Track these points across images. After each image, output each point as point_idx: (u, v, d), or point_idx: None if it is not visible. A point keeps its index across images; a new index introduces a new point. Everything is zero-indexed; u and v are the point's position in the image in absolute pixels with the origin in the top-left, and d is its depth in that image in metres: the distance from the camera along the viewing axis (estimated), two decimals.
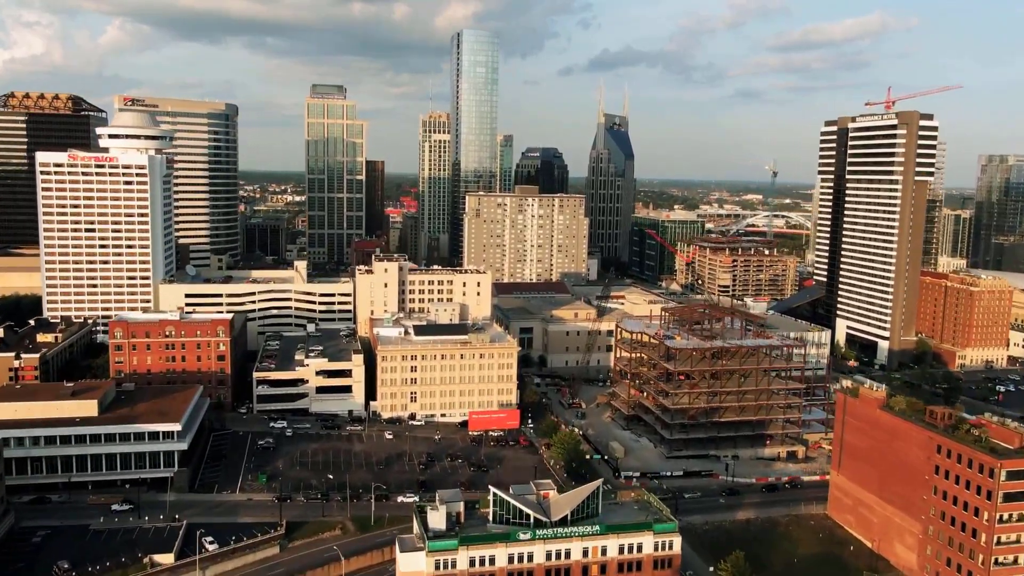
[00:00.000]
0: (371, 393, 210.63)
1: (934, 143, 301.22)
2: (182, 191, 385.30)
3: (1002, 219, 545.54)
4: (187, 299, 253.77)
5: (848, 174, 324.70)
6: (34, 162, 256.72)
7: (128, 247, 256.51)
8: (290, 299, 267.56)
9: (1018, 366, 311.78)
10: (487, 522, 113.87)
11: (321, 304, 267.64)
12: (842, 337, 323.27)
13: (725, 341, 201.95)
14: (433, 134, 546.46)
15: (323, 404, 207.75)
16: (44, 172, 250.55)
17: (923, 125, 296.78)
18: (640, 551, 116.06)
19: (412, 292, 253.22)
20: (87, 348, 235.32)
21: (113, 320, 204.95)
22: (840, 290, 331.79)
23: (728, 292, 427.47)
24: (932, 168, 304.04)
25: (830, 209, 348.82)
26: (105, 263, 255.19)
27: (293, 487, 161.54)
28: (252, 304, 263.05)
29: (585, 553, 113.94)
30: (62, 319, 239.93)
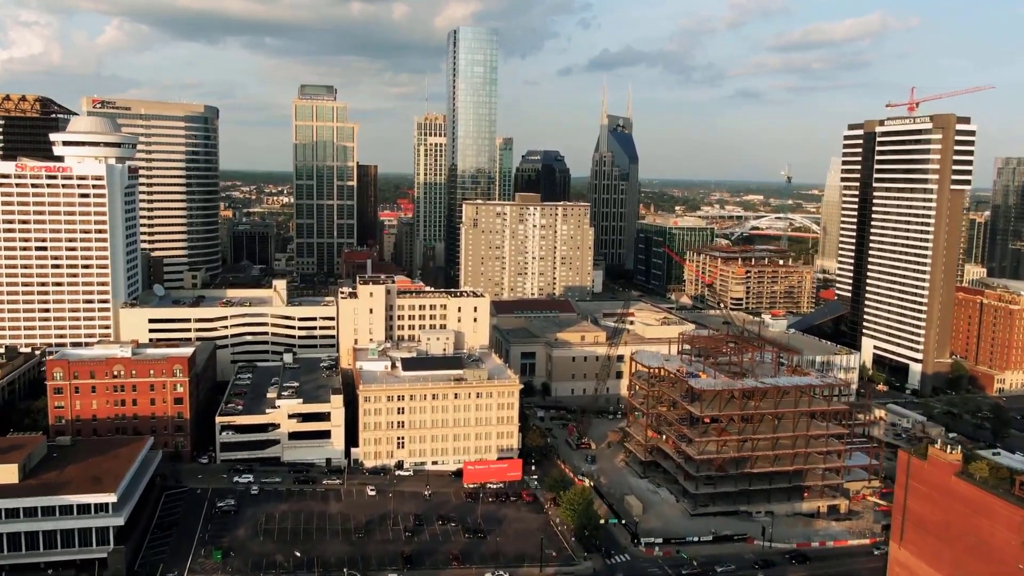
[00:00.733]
0: (352, 437, 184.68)
1: (971, 149, 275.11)
2: (158, 200, 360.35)
3: (1019, 224, 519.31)
4: (151, 324, 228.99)
5: (876, 181, 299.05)
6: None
7: (84, 267, 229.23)
8: (267, 323, 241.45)
9: None
10: None
11: (301, 329, 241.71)
12: (868, 358, 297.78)
13: (757, 379, 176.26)
14: (429, 137, 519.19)
15: (297, 452, 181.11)
16: None
17: (960, 129, 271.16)
18: None
19: (401, 318, 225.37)
20: (31, 385, 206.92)
21: (51, 359, 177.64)
22: (867, 306, 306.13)
23: (741, 306, 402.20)
24: (969, 176, 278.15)
25: (855, 218, 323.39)
26: (59, 285, 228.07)
27: (254, 566, 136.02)
28: (224, 330, 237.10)
29: None
30: (6, 350, 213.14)
